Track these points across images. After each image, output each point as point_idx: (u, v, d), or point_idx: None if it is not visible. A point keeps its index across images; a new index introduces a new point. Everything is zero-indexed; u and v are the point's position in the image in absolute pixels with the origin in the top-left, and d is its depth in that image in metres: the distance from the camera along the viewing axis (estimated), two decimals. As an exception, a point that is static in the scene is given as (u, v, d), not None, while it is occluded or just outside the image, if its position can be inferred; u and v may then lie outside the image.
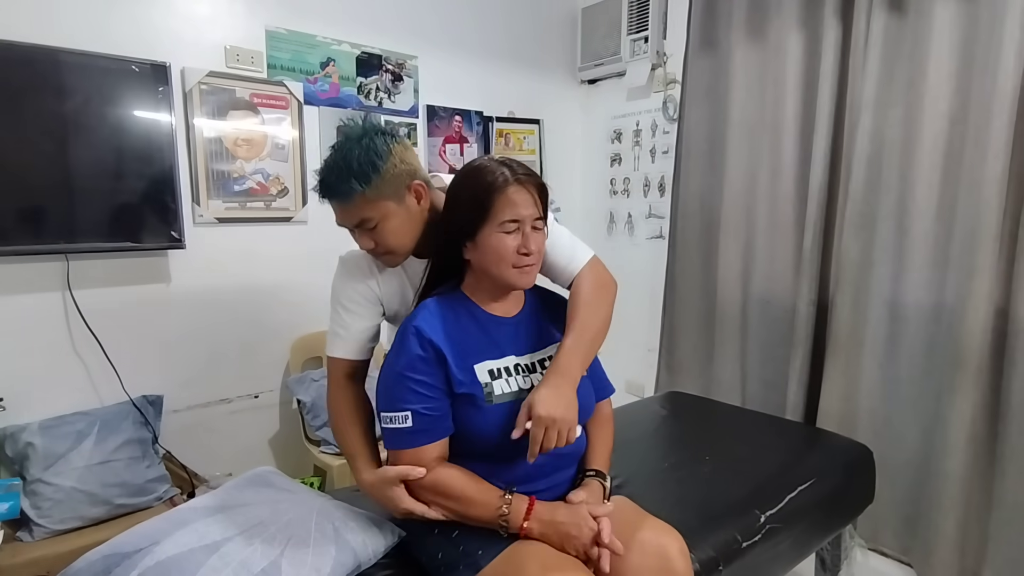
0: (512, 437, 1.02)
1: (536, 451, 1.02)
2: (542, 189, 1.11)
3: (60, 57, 1.77)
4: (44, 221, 1.78)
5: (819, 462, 1.66)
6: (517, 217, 1.07)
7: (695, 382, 2.68)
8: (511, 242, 1.07)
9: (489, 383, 1.09)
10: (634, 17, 2.83)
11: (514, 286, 1.13)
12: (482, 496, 1.05)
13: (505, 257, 1.08)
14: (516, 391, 1.10)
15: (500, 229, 1.07)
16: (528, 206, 1.07)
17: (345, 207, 1.16)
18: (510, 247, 1.07)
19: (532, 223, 1.08)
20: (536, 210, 1.09)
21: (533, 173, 1.11)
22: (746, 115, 2.42)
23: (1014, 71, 1.68)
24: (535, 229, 1.10)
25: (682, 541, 1.08)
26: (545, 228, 1.13)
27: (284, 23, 2.27)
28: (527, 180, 1.08)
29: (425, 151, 2.69)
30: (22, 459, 1.72)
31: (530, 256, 1.08)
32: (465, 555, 1.04)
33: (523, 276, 1.10)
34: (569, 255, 1.26)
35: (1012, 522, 1.76)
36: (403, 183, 1.17)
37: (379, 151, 1.14)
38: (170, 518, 1.12)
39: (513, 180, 1.07)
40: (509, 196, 1.06)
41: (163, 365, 2.09)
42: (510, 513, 1.03)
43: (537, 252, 1.10)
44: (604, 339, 1.19)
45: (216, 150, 2.13)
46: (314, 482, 2.23)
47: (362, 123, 1.20)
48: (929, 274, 1.92)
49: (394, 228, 1.17)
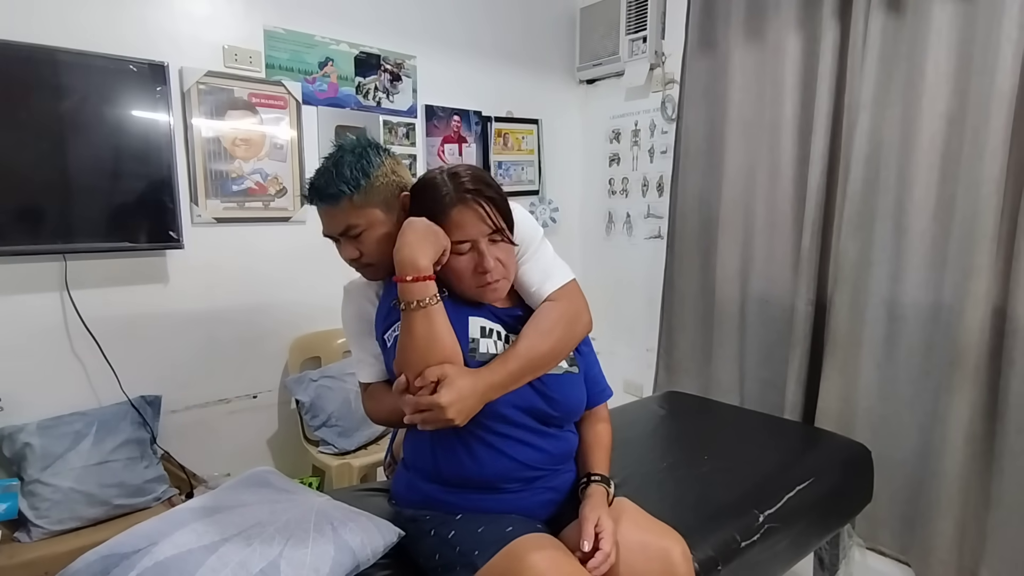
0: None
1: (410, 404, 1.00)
2: (492, 201, 1.07)
3: (58, 57, 1.76)
4: (42, 221, 1.78)
5: (817, 462, 1.66)
6: (465, 238, 1.05)
7: (694, 382, 2.69)
8: (466, 262, 1.06)
9: (477, 339, 1.09)
10: (632, 17, 2.83)
11: (482, 301, 1.13)
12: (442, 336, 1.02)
13: (464, 278, 1.08)
14: (496, 354, 1.09)
15: (454, 251, 1.05)
16: (476, 224, 1.05)
17: (332, 212, 1.16)
18: (466, 268, 1.07)
19: (487, 239, 1.06)
20: (488, 225, 1.06)
21: (482, 187, 1.07)
22: (744, 115, 2.42)
23: (1012, 71, 1.68)
24: (493, 243, 1.07)
25: (684, 544, 1.08)
26: (509, 240, 1.09)
27: (282, 23, 2.26)
28: (472, 198, 1.05)
29: (424, 151, 2.69)
30: (20, 459, 1.72)
31: (488, 273, 1.06)
32: (461, 555, 1.03)
33: (488, 292, 1.10)
34: (542, 278, 1.19)
35: (1010, 521, 1.76)
36: (392, 193, 1.16)
37: (371, 160, 1.15)
38: (168, 518, 1.11)
39: (457, 201, 1.05)
40: (453, 219, 1.05)
41: (161, 365, 2.08)
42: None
43: (501, 266, 1.08)
44: (543, 371, 1.12)
45: (214, 150, 2.13)
46: (313, 482, 2.23)
47: (357, 138, 1.21)
48: (927, 274, 1.92)
49: (379, 238, 1.15)
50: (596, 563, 1.00)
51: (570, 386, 1.17)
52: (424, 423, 1.00)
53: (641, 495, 1.23)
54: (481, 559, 1.00)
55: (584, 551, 1.01)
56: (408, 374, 1.01)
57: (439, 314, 1.02)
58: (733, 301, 2.50)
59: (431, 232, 1.04)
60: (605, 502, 1.11)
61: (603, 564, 1.00)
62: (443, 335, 1.02)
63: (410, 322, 1.00)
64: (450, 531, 1.08)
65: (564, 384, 1.16)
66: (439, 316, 1.02)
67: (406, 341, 1.01)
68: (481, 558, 1.00)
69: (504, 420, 1.09)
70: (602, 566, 1.00)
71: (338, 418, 2.18)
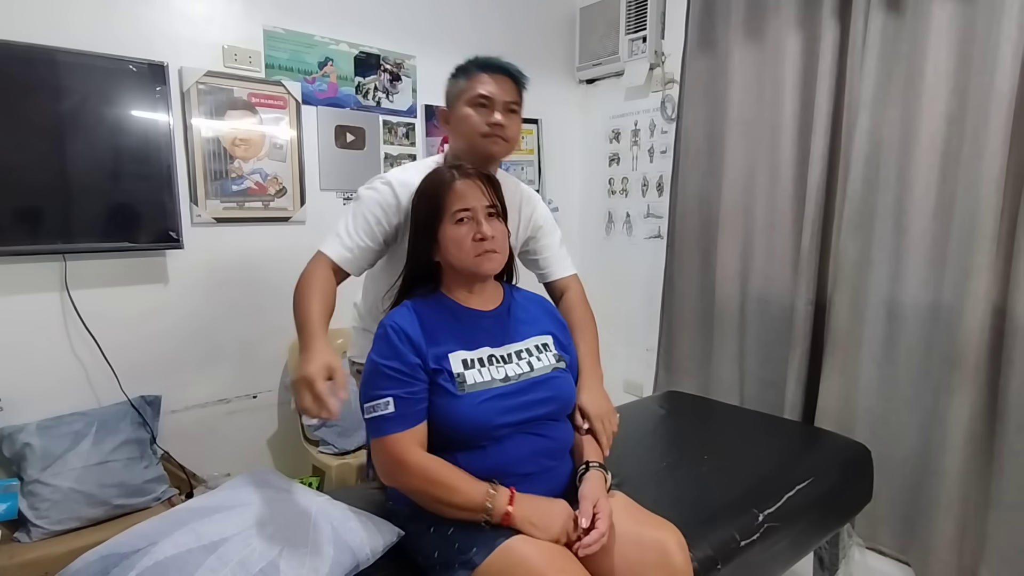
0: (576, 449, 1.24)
1: (606, 442, 1.24)
2: (490, 181, 1.20)
3: (57, 57, 1.76)
4: (41, 221, 1.78)
5: (817, 461, 1.66)
6: (466, 206, 1.15)
7: (693, 381, 2.69)
8: (466, 230, 1.15)
9: (462, 372, 1.13)
10: (632, 17, 2.83)
11: (478, 273, 1.18)
12: (467, 484, 1.07)
13: (463, 246, 1.15)
14: (488, 380, 1.14)
15: (453, 220, 1.15)
16: (477, 196, 1.16)
17: (512, 87, 1.35)
18: (466, 235, 1.14)
19: (485, 211, 1.16)
20: (486, 198, 1.17)
21: (481, 171, 1.21)
22: (744, 115, 2.42)
23: (1011, 71, 1.68)
24: (490, 216, 1.17)
25: (680, 536, 1.09)
26: (504, 220, 1.21)
27: (282, 23, 2.26)
28: (474, 174, 1.19)
29: (423, 151, 2.69)
30: (20, 460, 1.72)
31: (486, 241, 1.14)
32: (460, 553, 1.04)
33: (484, 262, 1.16)
34: (562, 252, 1.54)
35: (1009, 521, 1.77)
36: None
37: None
38: (168, 518, 1.11)
39: (461, 176, 1.18)
40: (456, 189, 1.16)
41: (161, 365, 2.08)
42: (495, 500, 1.05)
43: (497, 237, 1.16)
44: None
45: (214, 150, 2.13)
46: (312, 482, 2.23)
47: None
48: (927, 273, 1.93)
49: (519, 125, 1.39)
50: (591, 540, 1.03)
51: (561, 382, 1.22)
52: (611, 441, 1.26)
53: (641, 494, 1.24)
54: (479, 556, 1.01)
55: (582, 527, 1.05)
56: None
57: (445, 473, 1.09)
58: (733, 301, 2.50)
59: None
60: (604, 486, 1.15)
61: (596, 543, 1.04)
62: (456, 482, 1.07)
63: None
64: (449, 529, 1.09)
65: (555, 382, 1.20)
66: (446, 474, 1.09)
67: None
68: (479, 555, 1.01)
69: (502, 426, 1.12)
70: (595, 545, 1.03)
71: (338, 418, 2.18)
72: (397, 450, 1.07)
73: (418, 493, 1.10)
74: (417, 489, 1.09)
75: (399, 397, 1.08)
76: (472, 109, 1.33)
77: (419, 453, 1.07)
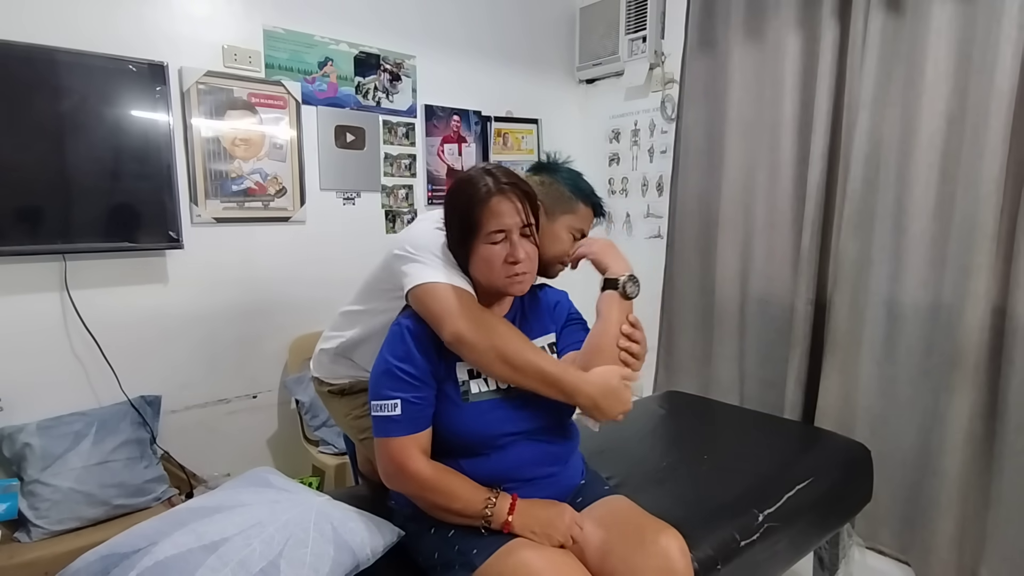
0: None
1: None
2: (527, 196, 1.12)
3: (57, 57, 1.76)
4: (41, 221, 1.78)
5: (817, 461, 1.66)
6: (502, 227, 1.09)
7: (693, 381, 2.68)
8: (499, 251, 1.09)
9: (467, 381, 1.13)
10: (632, 17, 2.83)
11: (506, 293, 1.15)
12: (468, 492, 1.07)
13: (494, 267, 1.10)
14: (492, 390, 1.14)
15: (487, 240, 1.09)
16: (512, 215, 1.09)
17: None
18: (498, 257, 1.09)
19: (519, 231, 1.10)
20: (521, 218, 1.10)
21: (517, 182, 1.12)
22: (744, 115, 2.42)
23: (1011, 70, 1.68)
24: (523, 236, 1.11)
25: (682, 540, 1.09)
26: (535, 238, 1.14)
27: (282, 23, 2.26)
28: (509, 189, 1.10)
29: (423, 151, 2.69)
30: (20, 460, 1.72)
31: (518, 264, 1.09)
32: (460, 554, 1.04)
33: (514, 285, 1.12)
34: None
35: (1009, 520, 1.76)
36: None
37: None
38: (168, 518, 1.11)
39: (496, 191, 1.09)
40: (492, 208, 1.08)
41: (161, 365, 2.08)
42: (495, 508, 1.05)
43: (527, 259, 1.10)
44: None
45: (214, 150, 2.13)
46: (312, 482, 2.23)
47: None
48: (927, 273, 1.92)
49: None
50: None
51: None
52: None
53: (641, 494, 1.24)
54: (479, 558, 1.01)
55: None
56: None
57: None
58: (733, 301, 2.50)
59: None
60: (619, 302, 1.26)
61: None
62: (456, 489, 1.08)
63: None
64: (449, 530, 1.09)
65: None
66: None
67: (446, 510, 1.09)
68: (479, 557, 1.01)
69: (505, 434, 1.12)
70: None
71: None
72: (399, 454, 1.07)
73: (417, 498, 1.10)
74: (416, 494, 1.09)
75: (407, 401, 1.07)
76: (567, 235, 1.34)
77: (420, 459, 1.07)
